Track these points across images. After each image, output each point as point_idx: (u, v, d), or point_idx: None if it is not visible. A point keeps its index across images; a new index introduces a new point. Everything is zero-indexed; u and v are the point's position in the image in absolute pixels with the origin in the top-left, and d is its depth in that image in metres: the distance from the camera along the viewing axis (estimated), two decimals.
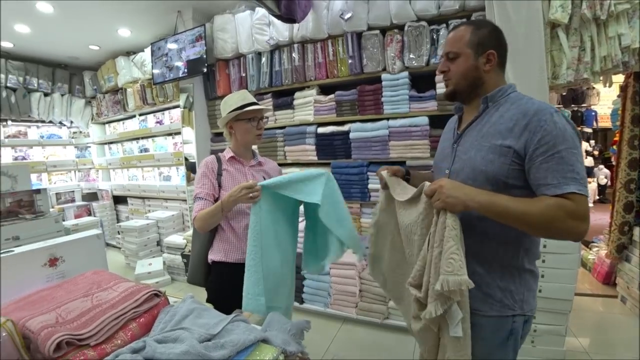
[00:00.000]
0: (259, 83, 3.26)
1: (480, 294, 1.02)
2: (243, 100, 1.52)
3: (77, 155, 5.45)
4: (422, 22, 2.49)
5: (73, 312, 0.94)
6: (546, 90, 2.19)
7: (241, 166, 1.56)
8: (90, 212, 5.18)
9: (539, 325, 2.16)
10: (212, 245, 1.52)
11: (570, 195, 0.87)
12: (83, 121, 5.16)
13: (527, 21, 2.13)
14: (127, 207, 5.12)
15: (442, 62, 1.13)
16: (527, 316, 1.05)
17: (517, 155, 0.95)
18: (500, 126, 0.99)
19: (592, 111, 7.47)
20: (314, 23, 2.80)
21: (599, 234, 3.88)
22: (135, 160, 4.71)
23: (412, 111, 2.65)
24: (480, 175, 1.00)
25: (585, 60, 2.23)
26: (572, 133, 0.91)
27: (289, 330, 1.00)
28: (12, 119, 4.62)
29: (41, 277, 1.34)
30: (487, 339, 1.03)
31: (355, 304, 2.67)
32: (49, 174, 5.15)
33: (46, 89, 4.68)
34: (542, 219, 0.87)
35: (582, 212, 0.87)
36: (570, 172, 0.88)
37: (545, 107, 0.94)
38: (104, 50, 4.38)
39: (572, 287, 2.13)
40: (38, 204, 3.05)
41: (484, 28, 1.07)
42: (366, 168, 2.84)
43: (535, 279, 1.07)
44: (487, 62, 1.05)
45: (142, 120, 4.76)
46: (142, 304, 0.99)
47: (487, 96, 1.06)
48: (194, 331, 0.79)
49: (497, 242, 1.01)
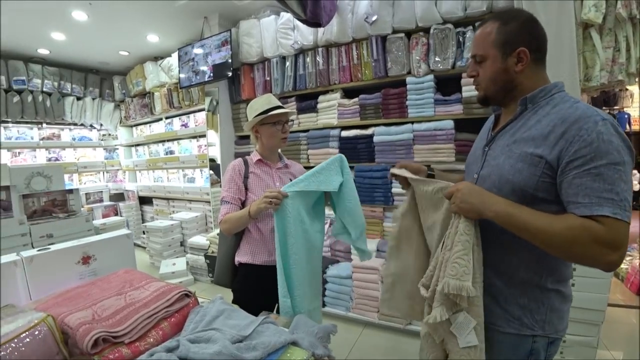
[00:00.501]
0: (283, 87, 3.29)
1: (498, 309, 0.96)
2: (268, 104, 1.54)
3: (105, 156, 5.67)
4: (448, 24, 2.45)
5: (108, 310, 0.97)
6: (578, 92, 2.11)
7: (268, 169, 1.58)
8: (117, 212, 5.36)
9: (569, 335, 2.07)
10: (239, 247, 1.54)
11: (601, 219, 0.76)
12: (112, 124, 5.37)
13: (557, 21, 2.07)
14: (152, 208, 5.27)
15: (471, 65, 1.04)
16: (552, 338, 0.95)
17: (549, 167, 0.84)
18: (535, 132, 0.88)
19: (625, 114, 7.15)
20: (338, 27, 2.81)
21: (633, 243, 3.70)
22: (161, 162, 4.85)
23: (437, 114, 2.61)
24: (506, 185, 0.91)
25: (620, 61, 2.14)
26: (619, 146, 0.78)
27: (316, 334, 1.00)
28: (47, 122, 4.85)
29: (75, 274, 1.40)
30: (504, 357, 0.97)
31: (377, 309, 2.64)
32: (80, 174, 5.37)
33: (79, 93, 4.91)
34: (562, 240, 0.78)
35: (612, 239, 0.75)
36: (608, 191, 0.76)
37: (591, 114, 0.81)
38: (133, 55, 4.56)
39: (605, 297, 2.03)
40: (70, 204, 3.18)
41: (512, 22, 0.94)
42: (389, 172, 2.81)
43: (564, 299, 0.96)
44: (519, 61, 0.93)
45: (168, 123, 4.90)
46: (174, 304, 1.02)
47: (526, 97, 0.94)
48: (225, 332, 0.81)
49: (519, 257, 0.93)
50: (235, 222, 1.43)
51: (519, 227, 0.84)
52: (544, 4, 2.06)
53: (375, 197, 2.88)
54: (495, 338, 0.95)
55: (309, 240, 1.38)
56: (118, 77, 5.22)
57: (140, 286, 1.13)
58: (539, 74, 0.96)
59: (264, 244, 1.49)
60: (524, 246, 0.88)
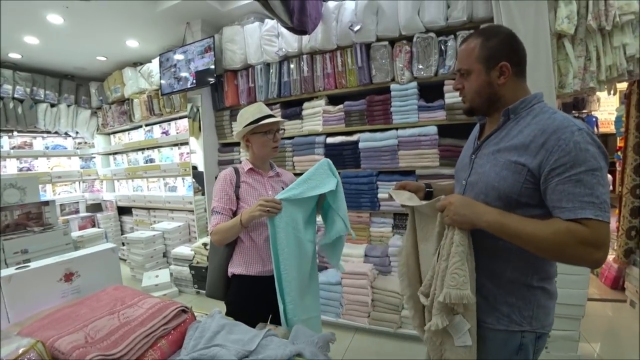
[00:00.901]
0: (268, 93, 3.29)
1: (488, 307, 1.02)
2: (259, 113, 1.53)
3: (81, 165, 5.46)
4: (430, 33, 2.52)
5: (102, 331, 0.94)
6: (554, 99, 2.21)
7: (260, 177, 1.57)
8: (94, 223, 5.17)
9: (553, 331, 2.13)
10: (232, 258, 1.52)
11: (584, 221, 0.83)
12: (89, 132, 5.19)
13: (534, 32, 2.16)
14: (131, 218, 5.11)
15: (457, 78, 1.10)
16: (539, 333, 1.02)
17: (532, 174, 0.91)
18: (518, 141, 0.95)
19: (592, 117, 7.51)
20: (323, 34, 2.84)
21: None
22: (141, 171, 4.72)
23: (421, 121, 2.67)
24: (492, 192, 0.97)
25: (591, 69, 2.26)
26: (595, 153, 0.85)
27: (317, 343, 1.00)
28: (19, 130, 4.63)
29: (57, 293, 1.34)
30: (495, 352, 1.02)
31: (367, 314, 2.65)
32: (54, 184, 5.15)
33: (53, 100, 4.72)
34: (551, 244, 0.85)
35: (595, 239, 0.82)
36: (589, 196, 0.83)
37: (568, 125, 0.88)
38: (111, 61, 4.43)
39: (585, 293, 2.15)
40: (46, 216, 3.05)
41: (494, 38, 1.01)
42: (375, 177, 2.85)
43: (549, 296, 1.04)
44: (501, 74, 1.00)
45: (148, 130, 4.78)
46: (171, 321, 1.00)
47: (508, 108, 1.00)
48: (230, 348, 0.79)
49: (506, 258, 0.99)
50: (227, 232, 1.41)
51: (510, 234, 0.89)
52: (522, 16, 2.15)
53: (362, 203, 2.90)
54: (486, 335, 1.00)
55: (302, 249, 1.38)
56: (95, 83, 5.06)
57: (134, 303, 1.09)
58: (520, 85, 1.03)
59: (258, 254, 1.47)
60: (510, 248, 0.94)
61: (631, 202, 2.97)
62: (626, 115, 3.14)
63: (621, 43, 2.18)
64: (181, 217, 4.42)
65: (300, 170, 3.17)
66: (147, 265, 4.03)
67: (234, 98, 3.49)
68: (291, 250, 1.33)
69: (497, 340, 1.01)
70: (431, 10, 2.46)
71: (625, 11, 2.10)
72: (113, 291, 1.23)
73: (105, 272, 1.52)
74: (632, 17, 2.11)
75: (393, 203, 2.77)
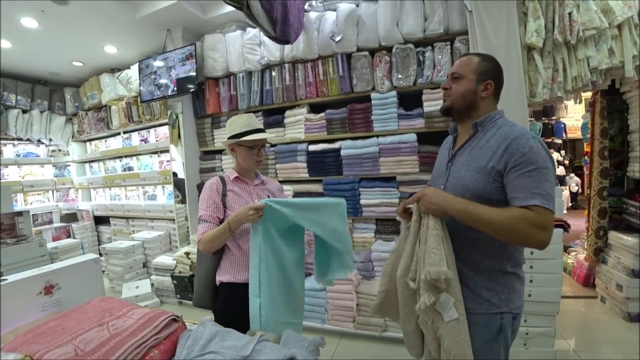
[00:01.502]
0: (250, 102, 3.30)
1: (471, 294, 1.16)
2: (247, 126, 1.54)
3: (55, 174, 5.26)
4: (409, 44, 2.62)
5: (91, 343, 0.93)
6: (525, 107, 2.33)
7: (246, 186, 1.59)
8: (69, 233, 4.99)
9: (530, 328, 2.28)
10: (220, 266, 1.52)
11: (533, 207, 1.01)
12: (63, 139, 5.01)
13: (506, 45, 2.29)
14: (109, 228, 4.96)
15: (447, 80, 1.26)
16: (514, 314, 1.18)
17: (499, 174, 1.09)
18: (487, 149, 1.14)
19: (561, 123, 7.91)
20: (305, 44, 2.89)
21: (576, 239, 4.09)
22: (119, 179, 4.60)
23: (400, 128, 2.75)
24: (468, 192, 1.13)
25: (558, 80, 2.41)
26: (544, 156, 1.05)
27: (307, 347, 1.02)
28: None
29: (36, 307, 1.31)
30: (480, 335, 1.14)
31: (352, 319, 2.69)
32: (25, 194, 4.94)
33: (25, 106, 4.53)
34: (507, 226, 1.02)
35: (542, 222, 1.00)
36: (537, 188, 1.02)
37: (524, 134, 1.09)
38: (88, 66, 4.32)
39: (558, 290, 2.27)
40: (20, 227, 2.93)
41: (489, 62, 1.22)
42: (357, 184, 2.91)
43: (520, 281, 1.20)
44: (485, 89, 1.19)
45: (126, 138, 4.68)
46: (162, 330, 1.00)
47: (477, 122, 1.19)
48: (225, 354, 0.81)
49: (484, 249, 1.15)
50: (215, 238, 1.41)
51: (474, 220, 1.06)
52: (494, 30, 2.28)
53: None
54: (471, 320, 1.12)
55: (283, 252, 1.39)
56: (70, 89, 4.90)
57: (122, 314, 1.08)
58: (493, 104, 1.24)
59: (245, 261, 1.47)
60: (487, 240, 1.10)
61: (599, 204, 3.15)
62: (591, 122, 3.35)
63: (585, 56, 2.33)
64: (161, 226, 4.32)
65: (282, 177, 3.20)
66: (127, 276, 3.92)
67: (215, 106, 3.48)
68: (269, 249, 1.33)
69: (480, 324, 1.15)
70: (409, 22, 2.56)
71: (588, 27, 2.26)
72: (100, 303, 1.21)
73: (87, 284, 1.49)
74: (594, 32, 2.27)
75: (375, 209, 2.85)
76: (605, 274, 3.03)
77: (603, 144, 3.13)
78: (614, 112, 3.08)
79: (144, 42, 3.70)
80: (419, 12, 2.55)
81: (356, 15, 2.71)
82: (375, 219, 2.97)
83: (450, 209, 1.09)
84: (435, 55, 2.59)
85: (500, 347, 1.17)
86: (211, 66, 3.38)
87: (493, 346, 1.17)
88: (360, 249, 2.99)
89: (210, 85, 3.47)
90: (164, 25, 3.39)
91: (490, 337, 1.16)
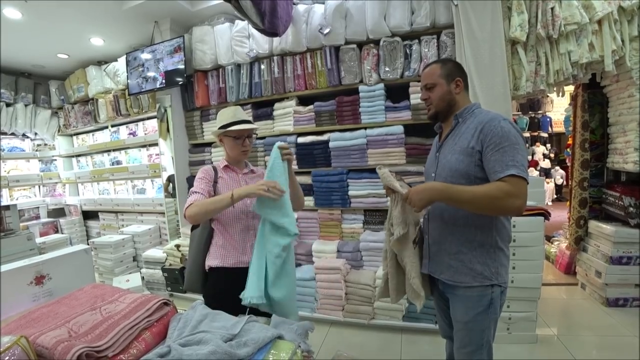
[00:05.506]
0: (239, 94, 3.30)
1: (465, 269, 1.31)
2: (233, 117, 1.59)
3: (41, 169, 5.18)
4: (396, 37, 2.66)
5: (85, 326, 0.95)
6: (509, 100, 2.39)
7: (235, 174, 1.63)
8: (57, 229, 4.93)
9: (513, 313, 2.38)
10: (209, 252, 1.56)
11: (508, 178, 1.15)
12: (49, 133, 4.92)
13: (490, 39, 2.35)
14: (98, 223, 4.93)
15: (423, 92, 1.44)
16: (502, 287, 1.33)
17: (479, 154, 1.25)
18: (467, 134, 1.30)
19: (547, 117, 8.09)
20: (293, 36, 2.90)
21: (559, 230, 4.22)
22: (108, 173, 4.56)
23: (388, 121, 2.80)
24: (455, 173, 1.29)
25: (541, 73, 2.48)
26: (515, 134, 1.20)
27: (296, 330, 1.07)
28: None
29: (27, 296, 1.33)
30: (473, 306, 1.31)
31: (342, 307, 2.75)
32: (10, 189, 4.86)
33: (8, 99, 4.44)
34: (486, 198, 1.16)
35: (517, 190, 1.14)
36: (511, 160, 1.16)
37: (496, 116, 1.26)
38: (73, 59, 4.24)
39: (539, 276, 2.38)
40: (7, 222, 2.91)
41: (449, 63, 1.41)
42: (346, 175, 2.95)
43: (507, 257, 1.36)
44: (457, 87, 1.38)
45: (114, 131, 4.63)
46: (154, 313, 1.03)
47: (457, 114, 1.38)
48: (215, 333, 0.84)
49: (475, 226, 1.30)
50: (209, 205, 1.37)
51: (455, 199, 1.21)
52: (479, 24, 2.33)
53: (333, 200, 3.00)
54: (465, 294, 1.32)
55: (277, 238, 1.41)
56: (55, 82, 4.81)
57: (114, 299, 1.11)
58: (466, 97, 1.43)
59: (233, 246, 1.51)
60: (477, 218, 1.27)
61: (579, 194, 3.26)
62: (573, 115, 3.44)
63: (566, 50, 2.41)
64: (151, 220, 4.31)
65: None
66: (117, 270, 3.91)
67: (204, 98, 3.47)
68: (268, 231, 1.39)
69: (473, 297, 1.31)
70: (396, 16, 2.60)
71: (569, 21, 2.33)
72: (92, 289, 1.23)
73: (78, 274, 1.50)
74: (575, 27, 2.34)
75: (363, 200, 2.90)
76: (585, 262, 3.15)
77: (584, 137, 3.23)
78: (595, 106, 3.17)
79: (131, 34, 3.65)
80: (406, 6, 2.59)
81: (344, 8, 2.73)
82: (363, 209, 3.02)
83: (434, 195, 1.22)
84: (422, 49, 2.63)
85: (491, 320, 1.33)
86: (200, 59, 3.37)
87: (484, 318, 1.31)
88: (349, 239, 3.04)
89: (199, 78, 3.46)
90: (151, 17, 3.36)
91: (481, 309, 1.31)
